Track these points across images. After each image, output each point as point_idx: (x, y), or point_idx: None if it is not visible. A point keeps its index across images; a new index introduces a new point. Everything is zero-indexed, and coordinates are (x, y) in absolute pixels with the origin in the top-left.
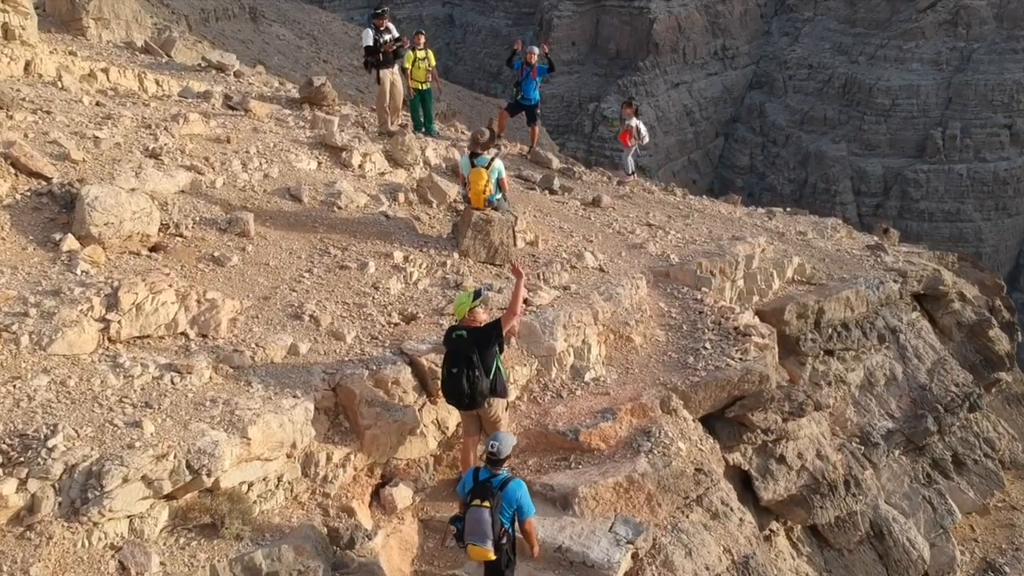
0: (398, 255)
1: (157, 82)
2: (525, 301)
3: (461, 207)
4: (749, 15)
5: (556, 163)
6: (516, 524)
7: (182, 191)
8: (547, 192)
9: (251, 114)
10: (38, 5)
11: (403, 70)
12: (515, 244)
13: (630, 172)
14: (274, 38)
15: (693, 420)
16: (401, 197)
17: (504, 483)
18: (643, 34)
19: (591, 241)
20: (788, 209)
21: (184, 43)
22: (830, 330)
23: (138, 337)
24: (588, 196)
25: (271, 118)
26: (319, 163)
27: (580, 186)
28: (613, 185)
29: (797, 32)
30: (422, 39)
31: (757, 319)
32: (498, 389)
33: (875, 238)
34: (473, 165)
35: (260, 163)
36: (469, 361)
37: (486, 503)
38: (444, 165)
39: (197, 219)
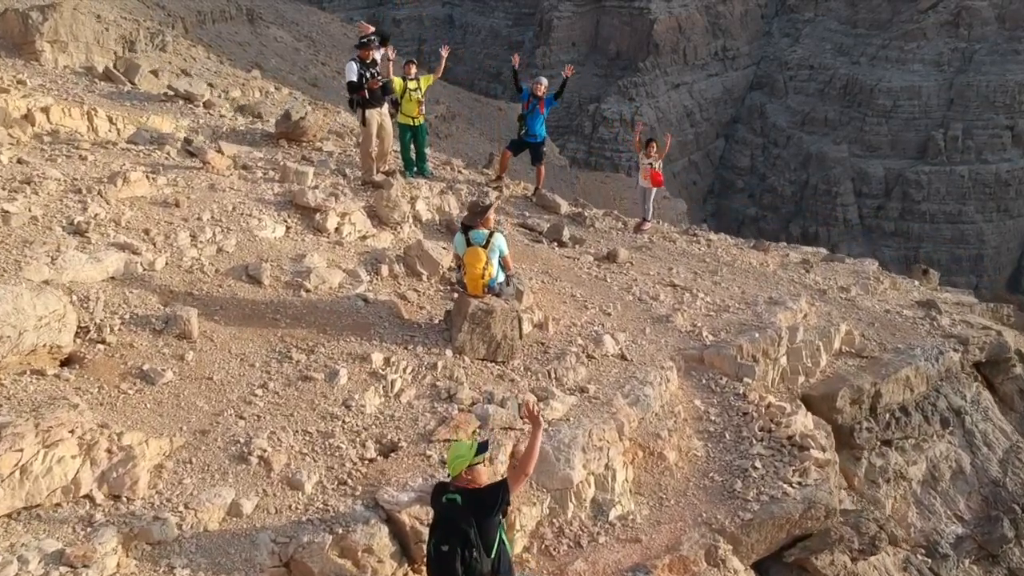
0: (377, 357)
1: (110, 119)
2: None
3: (454, 278)
4: (750, 16)
5: (565, 207)
6: None
7: (111, 278)
8: (555, 244)
9: (209, 166)
10: None
11: (394, 103)
12: (520, 336)
13: (650, 217)
14: (272, 40)
15: (745, 570)
16: (384, 270)
17: None
18: (643, 35)
19: (609, 314)
20: (823, 251)
21: (177, 47)
22: (887, 415)
23: (24, 508)
24: (602, 249)
25: (234, 169)
26: (287, 228)
27: (592, 236)
28: (629, 233)
29: (798, 33)
30: (413, 68)
31: (809, 418)
32: (502, 569)
33: (915, 282)
34: (469, 243)
35: (214, 233)
36: (464, 537)
37: None
38: (437, 219)
39: (127, 317)
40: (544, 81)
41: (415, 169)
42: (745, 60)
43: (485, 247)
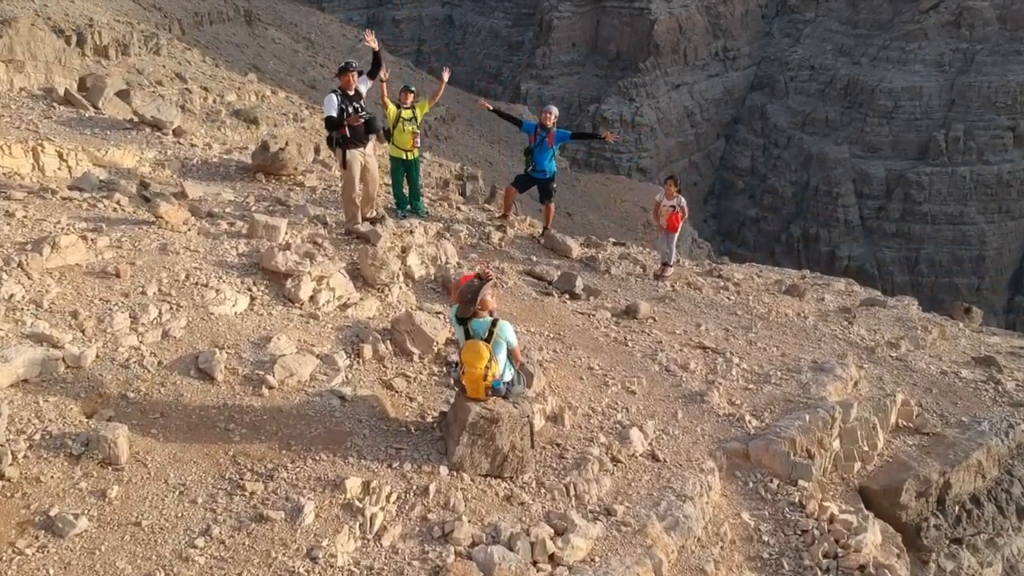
0: (353, 483)
1: (60, 155)
2: (551, 558)
3: (450, 362)
4: (750, 16)
5: (576, 250)
6: None
7: (24, 382)
8: (567, 298)
9: (162, 221)
10: None
11: (387, 133)
12: (532, 444)
13: (672, 261)
14: (270, 42)
15: None
16: (367, 350)
17: None
18: (644, 35)
19: (633, 392)
20: (857, 289)
21: (172, 49)
22: (957, 508)
23: None
24: (620, 302)
25: (196, 220)
26: (252, 299)
27: (608, 284)
28: (648, 279)
29: (799, 33)
30: (410, 97)
31: (878, 530)
32: None
33: (960, 324)
34: (468, 335)
35: (159, 312)
36: None
37: None
38: (432, 274)
39: (37, 438)
40: (554, 111)
41: (408, 207)
42: (746, 60)
43: (488, 340)
